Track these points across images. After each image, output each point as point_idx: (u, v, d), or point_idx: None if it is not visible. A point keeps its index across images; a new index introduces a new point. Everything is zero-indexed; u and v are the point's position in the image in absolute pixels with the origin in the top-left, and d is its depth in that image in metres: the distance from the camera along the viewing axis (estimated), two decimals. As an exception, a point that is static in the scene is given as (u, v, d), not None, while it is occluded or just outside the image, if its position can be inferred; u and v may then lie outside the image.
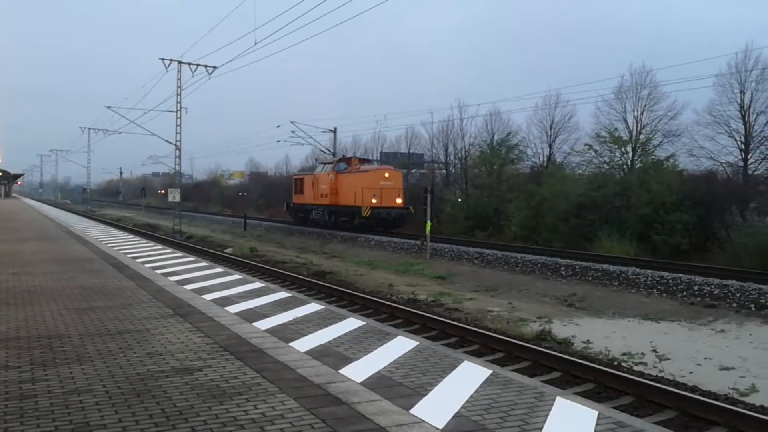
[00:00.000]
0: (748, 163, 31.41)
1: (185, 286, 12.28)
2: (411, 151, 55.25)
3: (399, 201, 34.44)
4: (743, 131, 31.24)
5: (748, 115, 31.18)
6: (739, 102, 31.35)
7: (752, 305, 14.46)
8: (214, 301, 10.82)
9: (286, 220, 46.08)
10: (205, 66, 39.41)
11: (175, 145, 41.18)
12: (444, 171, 50.05)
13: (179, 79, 40.36)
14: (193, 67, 39.63)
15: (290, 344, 7.61)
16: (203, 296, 11.17)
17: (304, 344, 7.75)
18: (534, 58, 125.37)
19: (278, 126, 69.17)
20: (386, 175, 34.72)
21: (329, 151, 50.30)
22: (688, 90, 56.92)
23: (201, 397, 5.40)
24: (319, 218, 38.69)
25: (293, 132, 47.50)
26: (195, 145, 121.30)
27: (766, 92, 30.75)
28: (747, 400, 8.87)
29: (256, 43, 27.26)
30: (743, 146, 31.37)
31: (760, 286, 15.30)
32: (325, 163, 39.96)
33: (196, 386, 5.70)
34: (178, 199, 42.04)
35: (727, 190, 29.48)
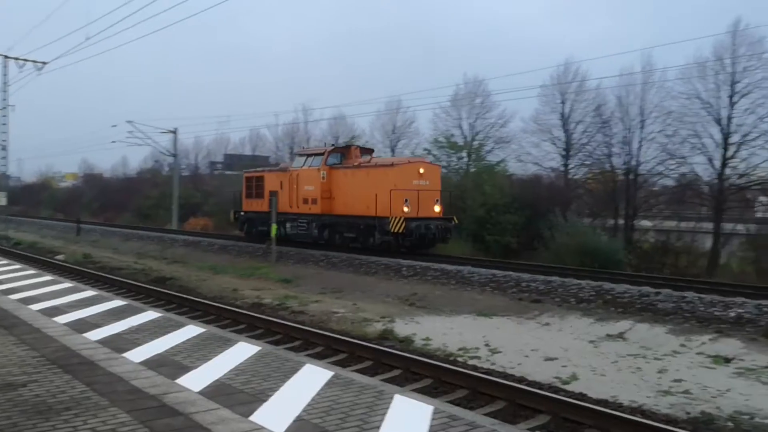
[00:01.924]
0: (569, 168, 34.30)
1: (10, 296, 11.38)
2: (256, 154, 54.54)
3: (438, 209, 24.19)
4: (564, 139, 34.00)
5: (568, 124, 34.01)
6: (560, 112, 34.12)
7: (572, 299, 15.73)
8: (42, 311, 10.11)
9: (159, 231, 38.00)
10: (34, 61, 36.61)
11: (0, 144, 37.89)
12: (289, 174, 49.75)
13: (5, 74, 37.29)
14: (21, 63, 36.69)
15: (124, 355, 7.28)
16: (30, 306, 10.40)
17: (139, 354, 7.44)
18: (375, 65, 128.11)
19: (114, 126, 65.35)
20: (421, 170, 23.91)
21: (169, 152, 48.32)
22: (516, 100, 61.15)
23: (25, 414, 5.04)
24: (301, 233, 27.05)
25: (130, 132, 45.16)
26: (24, 145, 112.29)
27: (583, 103, 33.74)
28: (568, 387, 9.63)
29: (87, 39, 25.74)
30: (564, 152, 34.13)
31: (579, 281, 16.68)
32: (307, 155, 27.39)
33: (20, 403, 5.31)
34: (4, 202, 38.90)
35: (550, 193, 31.97)
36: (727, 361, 11.13)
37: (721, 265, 26.94)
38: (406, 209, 22.80)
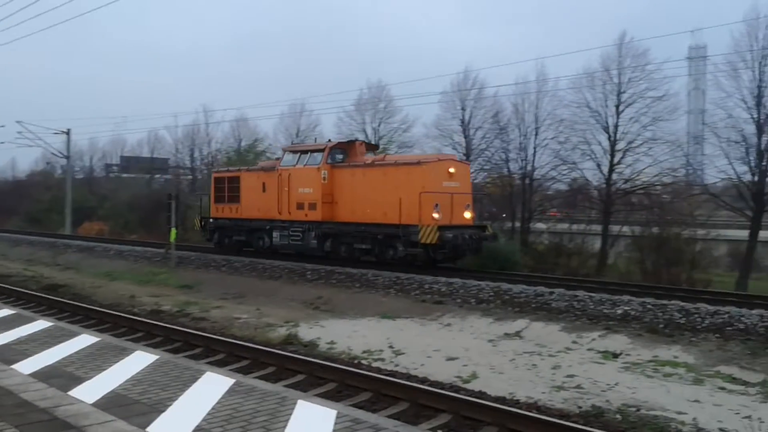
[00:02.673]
0: (470, 172, 35.20)
1: None
2: (154, 156, 52.90)
3: (469, 215, 20.90)
4: (464, 144, 34.99)
5: (468, 130, 35.05)
6: (460, 118, 35.10)
7: (473, 300, 16.17)
8: None
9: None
10: None
11: None
12: (190, 176, 48.68)
13: None
14: None
15: (12, 367, 6.91)
16: None
17: (28, 366, 7.08)
18: (279, 68, 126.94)
19: (1, 126, 61.61)
20: (451, 170, 20.29)
21: (61, 154, 46.07)
22: (419, 105, 62.29)
23: None
24: (294, 244, 22.93)
25: (20, 133, 42.84)
26: None
27: (482, 110, 34.86)
28: (468, 386, 9.89)
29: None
30: (465, 157, 35.06)
31: (479, 282, 17.17)
32: (301, 152, 23.17)
33: None
34: None
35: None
36: (615, 356, 11.77)
37: (609, 265, 28.41)
38: (436, 216, 19.26)
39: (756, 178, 25.29)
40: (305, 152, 22.84)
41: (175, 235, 25.12)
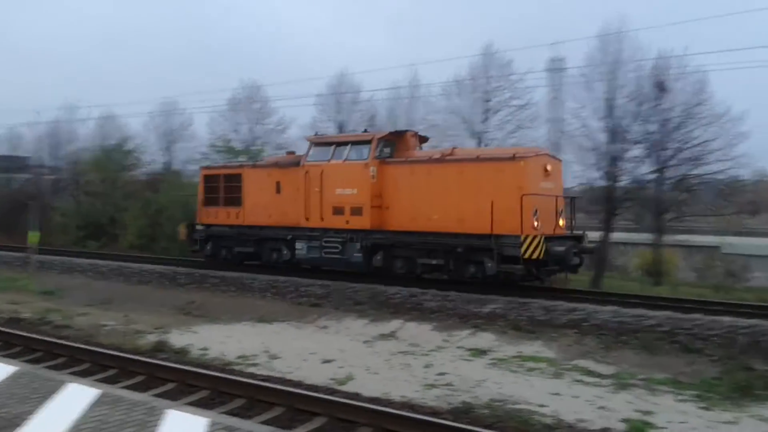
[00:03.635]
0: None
1: None
2: (13, 154, 49.42)
3: (563, 223, 17.51)
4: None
5: (344, 133, 35.47)
6: (336, 121, 35.48)
7: (349, 302, 16.34)
8: None
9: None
10: None
11: None
12: (53, 176, 45.84)
13: None
14: None
15: None
16: None
17: None
18: (149, 66, 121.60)
19: None
20: (548, 167, 16.96)
21: None
22: (296, 107, 62.34)
23: None
24: (329, 257, 18.98)
25: None
26: None
27: (358, 113, 35.41)
28: (344, 388, 10.00)
29: None
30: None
31: (354, 285, 17.36)
32: (337, 143, 19.14)
33: None
34: None
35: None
36: (483, 353, 12.33)
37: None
38: (536, 224, 16.05)
39: (608, 184, 27.13)
40: (342, 144, 18.88)
41: (36, 238, 23.63)
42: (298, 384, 9.99)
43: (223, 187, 21.64)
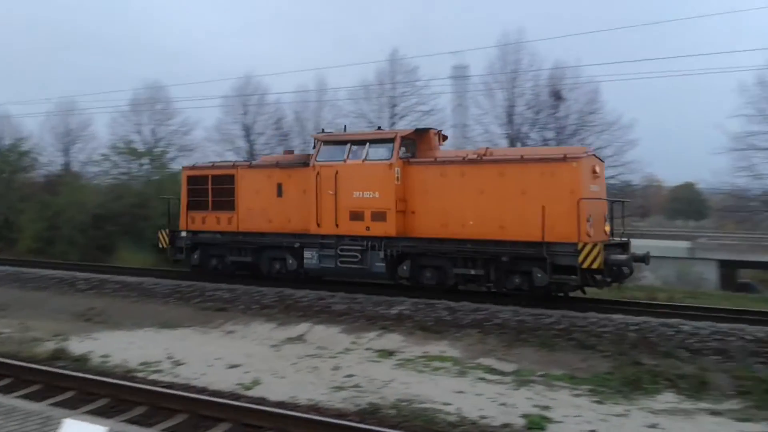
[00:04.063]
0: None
1: None
2: None
3: (608, 228, 15.92)
4: (247, 149, 35.17)
5: (251, 135, 35.27)
6: (242, 123, 35.19)
7: (256, 306, 16.18)
8: None
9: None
10: None
11: None
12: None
13: None
14: None
15: None
16: None
17: None
18: (46, 65, 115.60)
19: None
20: (597, 169, 15.51)
21: None
22: (200, 108, 61.21)
23: None
24: (347, 267, 17.00)
25: None
26: None
27: (264, 115, 35.26)
28: (250, 393, 9.95)
29: None
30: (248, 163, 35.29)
31: (261, 288, 17.20)
32: (353, 142, 17.11)
33: None
34: None
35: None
36: (390, 354, 12.52)
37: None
38: (590, 231, 14.63)
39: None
40: (360, 143, 16.91)
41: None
42: (203, 390, 9.87)
43: (212, 189, 19.25)
